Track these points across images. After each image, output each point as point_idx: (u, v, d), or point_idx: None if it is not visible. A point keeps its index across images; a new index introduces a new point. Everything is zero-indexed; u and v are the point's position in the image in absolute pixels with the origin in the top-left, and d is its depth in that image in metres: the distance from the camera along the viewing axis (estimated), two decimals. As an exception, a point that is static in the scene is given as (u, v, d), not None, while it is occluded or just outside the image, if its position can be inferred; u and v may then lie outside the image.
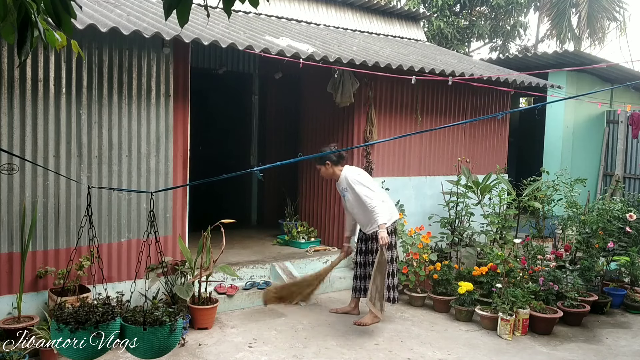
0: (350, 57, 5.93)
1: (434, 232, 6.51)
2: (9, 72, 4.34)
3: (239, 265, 5.93)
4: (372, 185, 5.03)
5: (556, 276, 5.59)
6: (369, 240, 5.17)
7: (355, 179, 4.97)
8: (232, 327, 5.00)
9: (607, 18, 17.30)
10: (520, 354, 4.68)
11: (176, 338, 3.05)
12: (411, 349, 4.69)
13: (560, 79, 8.93)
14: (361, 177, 5.02)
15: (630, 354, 4.77)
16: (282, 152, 8.14)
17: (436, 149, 7.37)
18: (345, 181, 5.03)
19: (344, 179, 5.03)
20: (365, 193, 4.90)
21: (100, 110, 4.79)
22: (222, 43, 5.05)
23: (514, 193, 6.90)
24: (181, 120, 5.25)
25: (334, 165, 5.06)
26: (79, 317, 2.91)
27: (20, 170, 4.47)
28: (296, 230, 7.08)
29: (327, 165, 5.06)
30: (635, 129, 8.79)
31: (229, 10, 1.94)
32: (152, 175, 5.10)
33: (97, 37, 4.66)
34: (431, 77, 6.49)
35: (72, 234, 4.71)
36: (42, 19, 2.10)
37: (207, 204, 7.71)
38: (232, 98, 8.82)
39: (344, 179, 5.04)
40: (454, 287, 5.63)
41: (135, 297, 4.22)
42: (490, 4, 15.48)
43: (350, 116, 6.73)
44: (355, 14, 9.31)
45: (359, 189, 4.92)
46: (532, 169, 8.12)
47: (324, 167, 5.08)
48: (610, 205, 6.37)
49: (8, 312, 4.43)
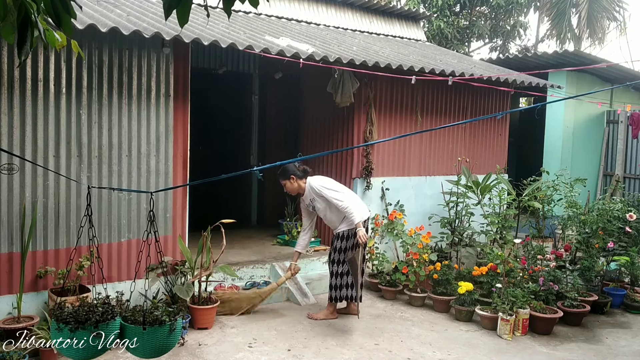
0: (350, 57, 5.93)
1: (434, 232, 6.52)
2: (9, 72, 4.34)
3: (239, 265, 5.94)
4: (338, 188, 5.17)
5: (556, 276, 5.59)
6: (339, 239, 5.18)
7: (320, 185, 5.10)
8: (232, 327, 5.00)
9: (607, 18, 17.29)
10: (520, 354, 4.68)
11: (176, 337, 3.05)
12: (411, 349, 4.69)
13: (560, 79, 8.93)
14: (326, 183, 5.15)
15: (630, 354, 4.77)
16: (282, 152, 8.13)
17: (436, 149, 7.37)
18: (311, 191, 5.13)
19: (309, 190, 5.13)
20: (335, 196, 5.03)
21: (100, 110, 4.79)
22: (222, 43, 5.05)
23: (514, 193, 6.90)
24: (181, 120, 5.26)
25: (298, 179, 5.13)
26: (79, 317, 2.91)
27: (20, 170, 4.47)
28: (296, 230, 7.07)
29: (292, 180, 5.12)
30: (635, 129, 8.79)
31: (229, 10, 1.94)
32: (152, 175, 5.11)
33: (97, 37, 4.66)
34: (431, 77, 6.49)
35: (72, 234, 4.71)
36: (42, 19, 2.10)
37: (207, 204, 7.71)
38: (232, 98, 8.82)
39: (309, 190, 5.13)
40: (454, 287, 5.63)
41: (135, 297, 4.22)
42: (490, 4, 15.48)
43: (350, 116, 6.73)
44: (355, 14, 9.31)
45: (327, 193, 5.04)
46: (532, 169, 8.12)
47: (288, 181, 5.14)
48: (610, 205, 6.37)
49: (8, 312, 4.43)
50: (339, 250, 5.20)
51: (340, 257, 5.22)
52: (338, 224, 5.18)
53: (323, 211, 5.18)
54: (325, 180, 5.23)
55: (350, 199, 5.09)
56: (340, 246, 5.19)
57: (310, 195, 5.14)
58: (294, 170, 5.11)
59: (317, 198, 5.11)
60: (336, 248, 5.22)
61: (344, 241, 5.16)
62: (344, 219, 5.11)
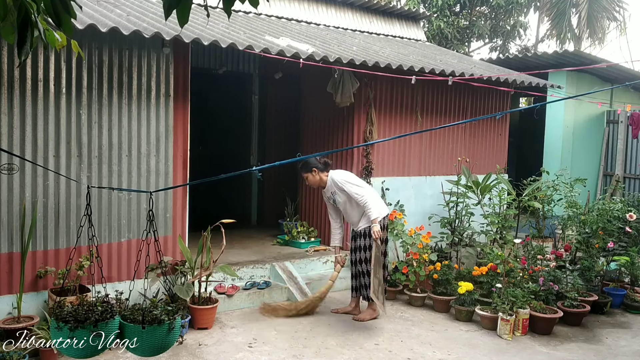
0: (350, 57, 5.93)
1: (434, 232, 6.51)
2: (9, 72, 4.34)
3: (239, 265, 5.93)
4: (360, 183, 5.20)
5: (556, 276, 5.59)
6: (359, 238, 5.24)
7: (343, 179, 5.11)
8: (232, 327, 5.00)
9: (607, 18, 17.29)
10: (520, 354, 4.68)
11: (174, 336, 3.05)
12: (411, 349, 4.69)
13: (560, 79, 8.93)
14: (348, 177, 5.16)
15: (630, 354, 4.77)
16: (282, 152, 8.14)
17: (436, 149, 7.37)
18: (333, 185, 5.15)
19: (332, 182, 5.16)
20: (356, 191, 5.05)
21: (100, 110, 4.79)
22: (222, 43, 5.05)
23: (514, 193, 6.90)
24: (181, 120, 5.26)
25: (320, 172, 5.17)
26: (79, 316, 2.91)
27: (20, 170, 4.47)
28: (296, 230, 7.08)
29: (314, 173, 5.16)
30: (635, 129, 8.79)
31: (229, 10, 1.94)
32: (152, 175, 5.11)
33: (97, 37, 4.66)
34: (431, 77, 6.49)
35: (72, 234, 4.71)
36: (42, 19, 2.10)
37: (207, 204, 7.71)
38: (232, 98, 8.82)
39: (331, 183, 5.17)
40: (454, 287, 5.63)
41: (134, 297, 4.23)
42: (490, 4, 15.48)
43: (350, 116, 6.73)
44: (355, 14, 9.32)
45: (349, 187, 5.06)
46: (532, 169, 8.12)
47: (310, 174, 5.19)
48: (610, 205, 6.37)
49: (8, 312, 4.43)
50: (365, 248, 5.20)
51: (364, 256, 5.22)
52: (358, 219, 5.20)
53: (343, 205, 5.20)
54: (347, 174, 5.24)
55: (370, 195, 5.12)
56: (365, 244, 5.20)
57: (332, 189, 5.17)
58: (315, 163, 5.14)
59: (338, 192, 5.14)
60: (360, 247, 5.23)
61: (368, 238, 5.17)
62: (363, 215, 5.14)
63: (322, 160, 5.23)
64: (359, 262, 5.27)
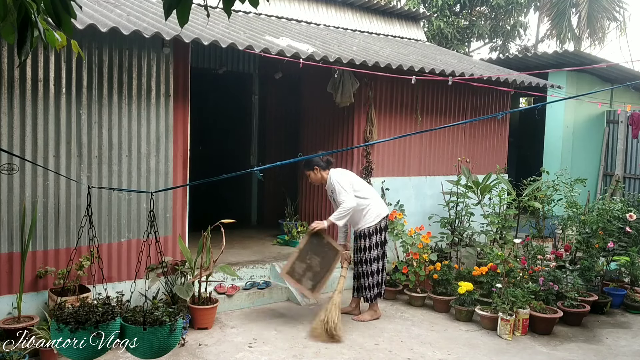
0: (350, 57, 5.93)
1: (434, 232, 6.51)
2: (9, 72, 4.33)
3: (239, 265, 5.93)
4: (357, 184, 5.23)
5: (556, 276, 5.59)
6: (360, 238, 5.26)
7: (336, 179, 5.15)
8: (232, 327, 5.00)
9: (607, 18, 17.29)
10: (520, 354, 4.67)
11: (176, 338, 3.05)
12: (411, 349, 4.69)
13: (560, 79, 8.93)
14: (341, 178, 5.18)
15: (630, 354, 4.77)
16: (282, 152, 8.14)
17: (436, 149, 7.37)
18: (331, 183, 5.20)
19: (329, 181, 5.20)
20: (339, 190, 5.09)
21: (100, 110, 4.79)
22: (222, 43, 5.05)
23: (514, 193, 6.90)
24: (181, 120, 5.25)
25: (322, 170, 5.21)
26: (79, 317, 2.91)
27: (20, 170, 4.47)
28: (296, 230, 7.07)
29: (315, 171, 5.20)
30: (635, 129, 8.79)
31: (229, 10, 1.94)
32: (152, 175, 5.10)
33: (97, 37, 4.65)
34: (431, 77, 6.49)
35: (72, 234, 4.70)
36: (42, 19, 2.10)
37: (207, 204, 7.71)
38: (232, 98, 8.82)
39: (329, 181, 5.21)
40: (454, 287, 5.63)
41: (135, 297, 4.22)
42: (490, 4, 15.48)
43: (350, 116, 6.73)
44: (355, 14, 9.31)
45: (338, 188, 5.11)
46: (532, 169, 8.12)
47: (312, 172, 5.23)
48: (610, 205, 6.37)
49: (8, 312, 4.43)
50: (365, 249, 5.22)
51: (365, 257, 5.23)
52: (358, 219, 5.23)
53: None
54: (343, 174, 5.25)
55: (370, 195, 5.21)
56: (365, 245, 5.22)
57: (331, 187, 5.21)
58: (317, 161, 5.19)
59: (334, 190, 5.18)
60: (361, 248, 5.25)
61: (367, 239, 5.20)
62: (365, 215, 5.17)
63: (325, 159, 5.26)
64: (361, 263, 5.27)
